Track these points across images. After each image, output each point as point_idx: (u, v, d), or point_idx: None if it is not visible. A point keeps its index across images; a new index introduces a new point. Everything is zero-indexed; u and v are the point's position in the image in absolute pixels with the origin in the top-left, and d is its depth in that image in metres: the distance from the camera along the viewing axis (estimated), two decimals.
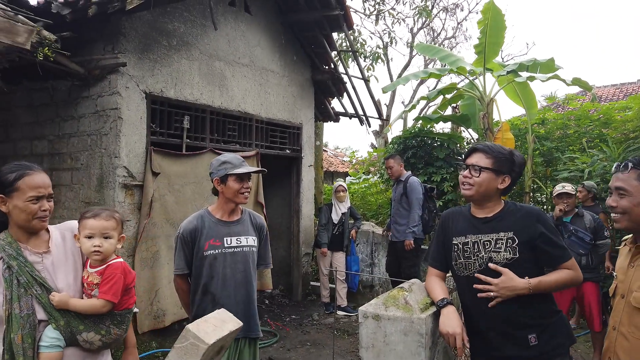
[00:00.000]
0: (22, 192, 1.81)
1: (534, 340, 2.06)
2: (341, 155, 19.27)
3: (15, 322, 1.74)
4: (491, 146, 2.17)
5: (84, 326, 1.87)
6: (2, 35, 3.22)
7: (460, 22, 18.91)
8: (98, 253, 1.93)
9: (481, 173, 2.13)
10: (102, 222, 1.95)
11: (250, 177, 2.75)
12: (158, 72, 4.99)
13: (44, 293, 1.82)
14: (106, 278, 1.92)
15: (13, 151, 5.43)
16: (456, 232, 2.25)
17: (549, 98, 10.21)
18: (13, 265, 1.79)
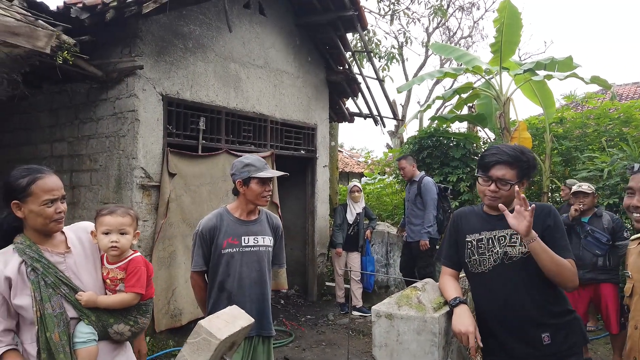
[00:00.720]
0: (36, 197, 1.82)
1: (547, 339, 2.04)
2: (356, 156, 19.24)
3: (50, 321, 1.78)
4: (512, 155, 2.11)
5: (113, 319, 1.94)
6: (23, 40, 3.30)
7: (477, 21, 18.75)
8: (115, 248, 1.98)
9: (512, 187, 2.09)
10: (119, 219, 2.01)
11: (272, 180, 2.78)
12: (174, 75, 5.05)
13: (71, 292, 1.87)
14: (131, 272, 2.00)
15: (34, 154, 5.56)
16: (469, 229, 2.24)
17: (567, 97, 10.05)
18: (38, 267, 1.81)
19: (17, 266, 1.81)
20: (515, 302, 2.08)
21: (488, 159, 2.15)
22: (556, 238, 2.09)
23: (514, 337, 2.09)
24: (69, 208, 2.07)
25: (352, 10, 6.39)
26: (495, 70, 7.12)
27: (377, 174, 11.62)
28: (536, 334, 2.06)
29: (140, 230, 4.75)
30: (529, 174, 2.16)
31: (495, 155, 2.13)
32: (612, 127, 7.38)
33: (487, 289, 2.16)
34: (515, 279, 2.10)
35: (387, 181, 10.55)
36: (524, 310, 2.08)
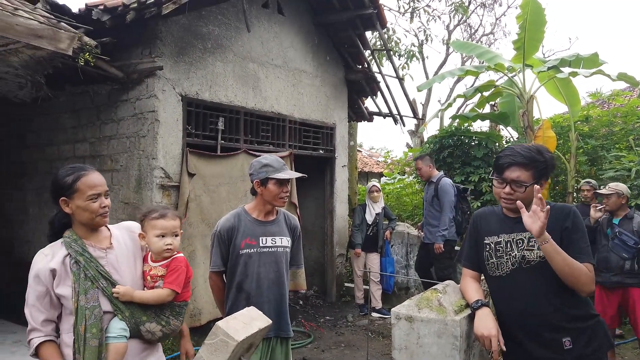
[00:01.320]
0: (82, 193, 1.92)
1: (568, 344, 1.98)
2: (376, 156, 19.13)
3: (80, 314, 1.85)
4: (527, 156, 2.05)
5: (146, 317, 1.98)
6: (46, 42, 3.34)
7: (499, 18, 18.44)
8: (170, 250, 2.08)
9: (526, 189, 2.03)
10: (172, 222, 2.12)
11: (289, 181, 2.75)
12: (193, 75, 5.08)
13: (109, 286, 1.93)
14: (172, 270, 2.06)
15: (57, 154, 5.66)
16: (488, 231, 2.19)
17: (593, 94, 9.79)
18: (80, 261, 1.90)
19: (62, 258, 1.91)
20: (534, 307, 2.03)
21: (502, 161, 2.10)
22: (573, 240, 2.02)
23: (533, 342, 2.04)
24: None
25: (371, 8, 6.34)
26: (518, 67, 6.97)
27: (396, 174, 11.53)
28: (557, 339, 2.00)
29: None
30: (548, 174, 2.09)
31: (509, 156, 2.07)
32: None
33: (505, 293, 2.11)
34: (533, 283, 2.04)
35: (407, 181, 10.45)
36: (543, 314, 2.02)
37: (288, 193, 2.74)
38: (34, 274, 1.91)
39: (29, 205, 6.03)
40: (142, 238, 2.11)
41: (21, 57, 3.80)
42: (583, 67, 6.68)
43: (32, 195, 5.97)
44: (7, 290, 6.21)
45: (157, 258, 2.10)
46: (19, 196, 6.18)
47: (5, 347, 4.88)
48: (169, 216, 2.13)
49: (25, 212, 6.07)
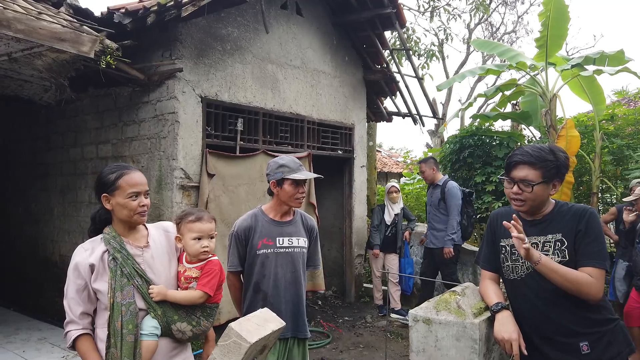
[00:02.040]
0: (122, 190, 1.98)
1: (586, 348, 1.94)
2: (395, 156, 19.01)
3: (117, 310, 1.89)
4: (536, 155, 2.02)
5: (178, 316, 2.01)
6: (69, 45, 3.42)
7: (521, 16, 18.13)
8: (206, 252, 2.12)
9: (533, 188, 2.00)
10: (208, 225, 2.16)
11: (305, 181, 2.74)
12: (213, 77, 5.13)
13: (143, 284, 1.97)
14: (206, 272, 2.09)
15: (81, 155, 5.77)
16: (504, 234, 2.15)
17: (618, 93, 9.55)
18: (117, 257, 1.95)
19: (101, 254, 1.97)
20: (549, 311, 2.00)
21: (510, 160, 2.08)
22: (584, 244, 1.97)
23: (550, 346, 2.00)
24: None
25: (390, 7, 6.31)
26: (540, 65, 6.84)
27: (416, 174, 11.43)
28: (574, 343, 1.96)
29: None
30: (560, 175, 2.04)
31: (518, 155, 2.05)
32: None
33: (520, 296, 2.09)
34: (547, 288, 1.99)
35: None
36: (559, 319, 1.98)
37: (304, 194, 2.73)
38: (73, 267, 1.97)
39: (53, 205, 6.16)
40: (179, 241, 2.15)
41: (45, 60, 3.89)
42: (608, 65, 6.52)
43: (57, 196, 6.11)
44: (32, 289, 6.37)
45: (192, 260, 2.13)
46: (44, 196, 6.33)
47: (30, 345, 5.01)
48: (205, 219, 2.16)
49: (50, 211, 6.21)
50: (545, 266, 1.92)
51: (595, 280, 1.93)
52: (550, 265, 1.92)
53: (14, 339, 5.15)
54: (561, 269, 1.92)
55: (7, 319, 5.90)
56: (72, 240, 5.80)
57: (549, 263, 1.92)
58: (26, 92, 5.02)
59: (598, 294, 1.94)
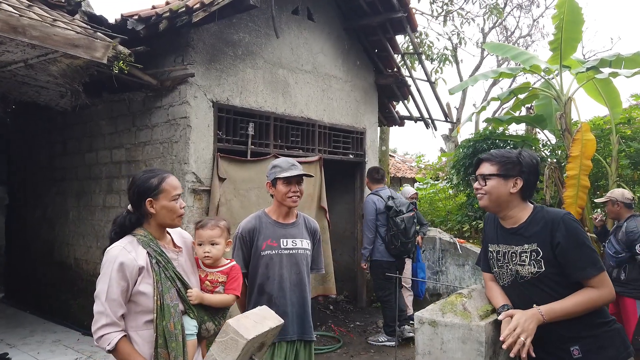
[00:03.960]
0: (167, 193, 2.04)
1: (577, 353, 1.93)
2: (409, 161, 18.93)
3: (167, 312, 1.94)
4: (495, 153, 2.14)
5: (207, 317, 2.15)
6: (82, 51, 3.49)
7: (536, 19, 17.96)
8: (208, 257, 2.23)
9: (487, 181, 2.08)
10: (208, 232, 2.26)
11: (301, 181, 2.74)
12: (224, 82, 5.18)
13: (183, 287, 2.05)
14: (233, 277, 2.27)
15: (96, 160, 5.87)
16: (490, 238, 2.21)
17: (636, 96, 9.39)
18: (160, 261, 2.00)
19: (146, 256, 2.00)
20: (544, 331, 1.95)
21: (475, 162, 2.22)
22: (570, 256, 1.94)
23: (541, 352, 1.96)
24: None
25: (401, 12, 6.30)
26: (555, 69, 6.77)
27: (429, 179, 11.37)
28: (565, 348, 1.95)
29: (191, 233, 4.88)
30: (521, 173, 2.06)
31: (481, 156, 2.20)
32: None
33: (511, 301, 2.09)
34: (532, 296, 2.01)
35: (439, 186, 10.29)
36: (548, 325, 1.94)
37: (297, 192, 2.72)
38: (117, 268, 1.91)
39: (68, 209, 6.27)
40: (194, 245, 2.28)
41: (59, 66, 3.97)
42: (624, 68, 6.43)
43: (72, 200, 6.21)
44: (48, 292, 6.48)
45: (209, 264, 2.27)
46: (60, 200, 6.44)
47: (45, 346, 5.08)
48: (207, 226, 2.29)
49: (65, 215, 6.32)
50: (552, 314, 1.91)
51: (602, 288, 1.92)
52: (554, 311, 1.91)
53: (29, 341, 5.24)
54: (568, 306, 1.90)
55: (22, 321, 6.01)
56: (87, 243, 5.89)
57: (553, 311, 1.91)
58: (43, 98, 5.13)
59: (611, 296, 1.95)
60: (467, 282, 6.47)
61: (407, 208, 5.38)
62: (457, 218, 8.40)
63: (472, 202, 8.08)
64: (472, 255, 6.48)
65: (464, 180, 8.23)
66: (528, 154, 2.12)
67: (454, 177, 8.77)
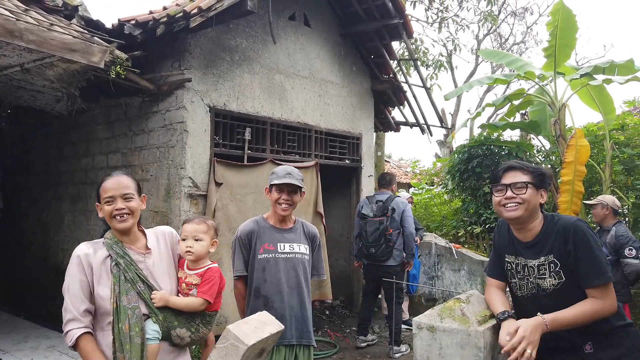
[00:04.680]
0: (101, 197, 2.05)
1: (589, 348, 1.97)
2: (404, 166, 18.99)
3: (123, 313, 1.91)
4: (523, 163, 2.11)
5: (178, 322, 2.04)
6: (79, 56, 3.49)
7: (530, 27, 18.13)
8: (190, 253, 2.13)
9: (527, 189, 2.01)
10: (194, 226, 2.18)
11: (294, 191, 2.76)
12: (221, 87, 5.18)
13: (146, 289, 2.00)
14: (206, 280, 2.12)
15: (92, 164, 5.85)
16: (507, 249, 2.18)
17: (629, 102, 9.49)
18: (120, 263, 1.97)
19: (103, 258, 1.99)
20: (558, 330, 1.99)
21: (498, 169, 2.13)
22: (579, 265, 1.95)
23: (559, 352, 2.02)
24: None
25: (397, 18, 6.34)
26: (549, 75, 6.83)
27: (424, 184, 11.41)
28: (579, 344, 2.00)
29: None
30: (545, 185, 2.06)
31: (505, 165, 2.12)
32: None
33: (529, 312, 2.05)
34: (556, 307, 1.99)
35: (435, 191, 10.33)
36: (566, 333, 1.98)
37: (289, 201, 2.75)
38: (76, 263, 1.96)
39: (64, 214, 6.24)
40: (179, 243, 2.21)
41: (56, 71, 3.97)
42: (618, 74, 6.49)
43: (68, 204, 6.18)
44: (43, 297, 6.43)
45: (192, 266, 2.16)
46: (56, 205, 6.40)
47: (39, 352, 5.04)
48: (193, 221, 2.21)
49: (61, 220, 6.29)
50: (555, 323, 1.91)
51: (604, 298, 1.93)
52: (558, 319, 1.92)
53: (23, 347, 5.19)
54: (570, 317, 1.92)
55: (17, 327, 5.95)
56: None
57: (556, 321, 1.92)
58: (39, 102, 5.12)
59: (613, 308, 1.94)
60: (463, 287, 6.49)
61: (377, 213, 5.34)
62: (453, 223, 8.42)
63: (467, 208, 8.11)
64: (467, 261, 6.50)
65: (459, 185, 8.26)
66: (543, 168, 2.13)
67: (449, 183, 8.81)
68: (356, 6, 6.35)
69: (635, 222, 6.68)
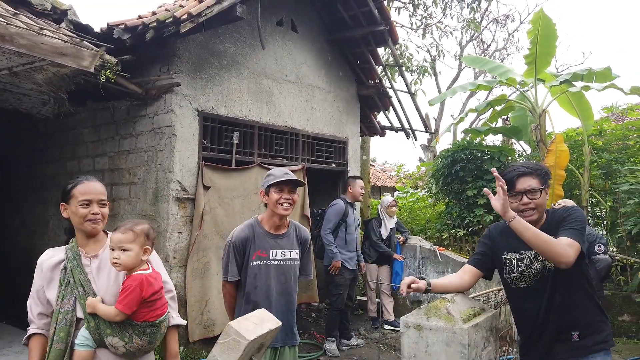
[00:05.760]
0: (75, 198, 2.07)
1: (576, 337, 2.18)
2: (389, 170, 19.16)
3: (54, 317, 1.98)
4: (531, 166, 2.27)
5: (110, 330, 1.98)
6: (69, 60, 3.50)
7: (512, 33, 18.50)
8: (117, 265, 2.02)
9: (541, 194, 2.20)
10: (119, 236, 2.04)
11: (293, 190, 2.79)
12: (209, 91, 5.22)
13: (84, 294, 2.00)
14: (123, 289, 2.01)
15: (78, 168, 5.83)
16: (509, 247, 2.32)
17: (607, 108, 9.77)
18: (68, 267, 2.02)
19: (56, 263, 2.05)
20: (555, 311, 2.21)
21: (509, 175, 2.24)
22: (562, 226, 2.17)
23: (552, 340, 2.22)
24: (109, 220, 2.23)
25: (383, 25, 6.46)
26: (530, 82, 7.01)
27: (409, 188, 11.55)
28: (567, 332, 2.20)
29: (176, 241, 4.90)
30: (548, 182, 2.27)
31: (514, 170, 2.25)
32: None
33: (530, 301, 2.27)
34: (554, 291, 2.21)
35: (419, 195, 10.47)
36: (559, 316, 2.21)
37: (290, 200, 2.75)
38: (37, 269, 2.07)
39: (49, 218, 6.19)
40: None
41: (45, 74, 3.97)
42: (596, 81, 6.69)
43: (53, 208, 6.14)
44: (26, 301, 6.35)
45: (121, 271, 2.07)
46: (40, 209, 6.35)
47: (23, 357, 4.98)
48: (119, 230, 2.07)
49: (45, 224, 6.24)
50: (520, 223, 2.10)
51: (566, 245, 2.08)
52: (524, 224, 2.10)
53: (7, 352, 5.13)
54: (534, 228, 2.10)
55: (1, 332, 5.87)
56: None
57: (522, 222, 2.11)
58: (25, 105, 5.09)
59: (568, 259, 2.07)
60: None
61: None
62: (437, 226, 8.56)
63: (450, 211, 8.25)
64: (451, 263, 6.62)
65: (442, 189, 8.41)
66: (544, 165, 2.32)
67: (433, 186, 8.95)
68: (343, 13, 6.46)
69: (613, 225, 6.88)
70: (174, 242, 4.85)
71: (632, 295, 6.01)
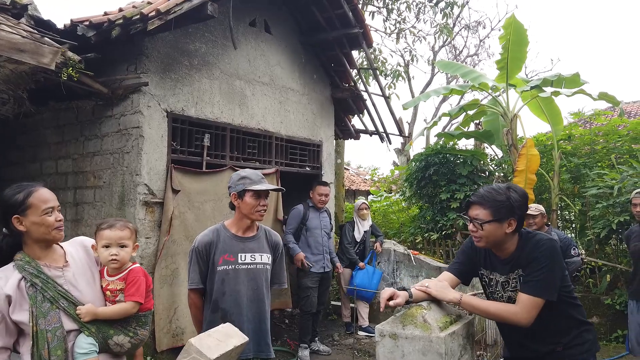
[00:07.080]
0: (36, 208, 1.89)
1: (560, 348, 2.17)
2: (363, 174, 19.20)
3: (42, 337, 1.81)
4: (486, 196, 2.14)
5: (113, 330, 1.99)
6: (28, 56, 3.32)
7: (483, 40, 18.83)
8: (115, 261, 2.07)
9: (483, 226, 2.13)
10: (118, 232, 2.09)
11: (268, 194, 2.70)
12: (179, 91, 5.07)
13: (70, 305, 1.90)
14: (131, 282, 2.07)
15: (40, 171, 5.56)
16: (483, 263, 2.30)
17: (575, 114, 10.00)
18: (37, 283, 1.85)
19: (17, 283, 1.85)
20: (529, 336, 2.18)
21: (467, 202, 2.25)
22: (527, 273, 2.12)
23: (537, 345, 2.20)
24: (73, 225, 2.12)
25: (357, 28, 6.42)
26: (501, 87, 7.09)
27: (383, 192, 11.56)
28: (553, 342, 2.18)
29: (143, 247, 4.72)
30: (514, 214, 2.12)
31: (472, 196, 2.22)
32: (621, 144, 7.29)
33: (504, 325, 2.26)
34: None
35: (393, 199, 10.48)
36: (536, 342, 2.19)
37: (265, 207, 2.67)
38: None
39: None
40: (95, 249, 2.11)
41: (2, 72, 3.75)
42: (565, 87, 6.82)
43: None
44: None
45: (112, 272, 2.10)
46: None
47: None
48: (116, 227, 2.10)
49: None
50: (467, 304, 2.15)
51: (521, 307, 2.06)
52: (471, 302, 2.14)
53: None
54: (482, 305, 2.14)
55: None
56: None
57: (469, 300, 2.14)
58: None
59: (526, 321, 2.07)
60: None
61: None
62: (410, 230, 8.56)
63: (424, 215, 8.27)
64: (425, 267, 6.61)
65: (416, 193, 8.42)
66: (516, 193, 2.15)
67: (407, 190, 8.96)
68: (317, 15, 6.39)
69: (582, 229, 7.00)
70: (141, 247, 4.67)
71: (601, 298, 6.11)
